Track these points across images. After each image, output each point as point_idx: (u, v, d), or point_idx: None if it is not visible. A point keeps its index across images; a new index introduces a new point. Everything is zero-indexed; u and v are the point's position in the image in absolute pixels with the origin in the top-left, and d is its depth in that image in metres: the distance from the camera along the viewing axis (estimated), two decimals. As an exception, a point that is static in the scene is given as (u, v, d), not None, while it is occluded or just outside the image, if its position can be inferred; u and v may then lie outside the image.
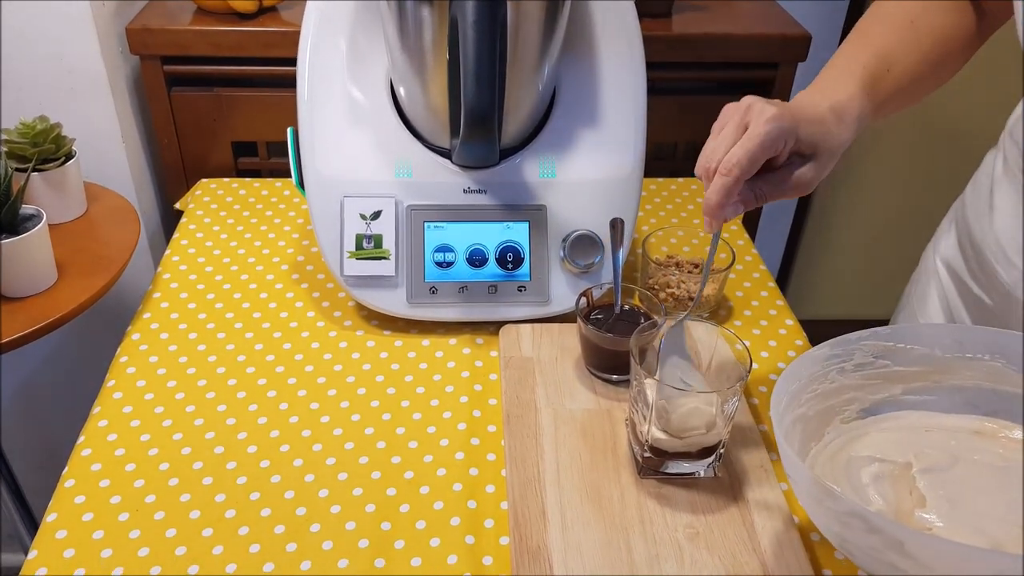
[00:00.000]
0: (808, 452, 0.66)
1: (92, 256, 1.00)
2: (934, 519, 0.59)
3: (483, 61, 0.73)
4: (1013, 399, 0.66)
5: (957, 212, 0.85)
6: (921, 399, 0.69)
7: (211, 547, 0.67)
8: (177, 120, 1.25)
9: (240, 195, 1.14)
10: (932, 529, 0.59)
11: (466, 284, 0.88)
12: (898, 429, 0.68)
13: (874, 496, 0.62)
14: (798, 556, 0.65)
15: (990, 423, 0.67)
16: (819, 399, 0.67)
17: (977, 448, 0.65)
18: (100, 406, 0.81)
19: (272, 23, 1.21)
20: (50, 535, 0.68)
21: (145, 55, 1.20)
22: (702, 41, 1.26)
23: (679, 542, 0.66)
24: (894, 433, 0.68)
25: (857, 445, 0.67)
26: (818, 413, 0.67)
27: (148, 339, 0.88)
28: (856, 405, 0.69)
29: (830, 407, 0.68)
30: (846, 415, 0.69)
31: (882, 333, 0.67)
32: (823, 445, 0.67)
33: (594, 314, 0.85)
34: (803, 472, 0.55)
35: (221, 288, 0.96)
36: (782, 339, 0.92)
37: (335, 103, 0.89)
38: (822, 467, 0.65)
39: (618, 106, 0.91)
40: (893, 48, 0.73)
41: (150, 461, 0.75)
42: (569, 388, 0.82)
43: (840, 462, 0.65)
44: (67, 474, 0.74)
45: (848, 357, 0.67)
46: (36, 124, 1.01)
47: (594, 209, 0.90)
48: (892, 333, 0.66)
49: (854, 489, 0.63)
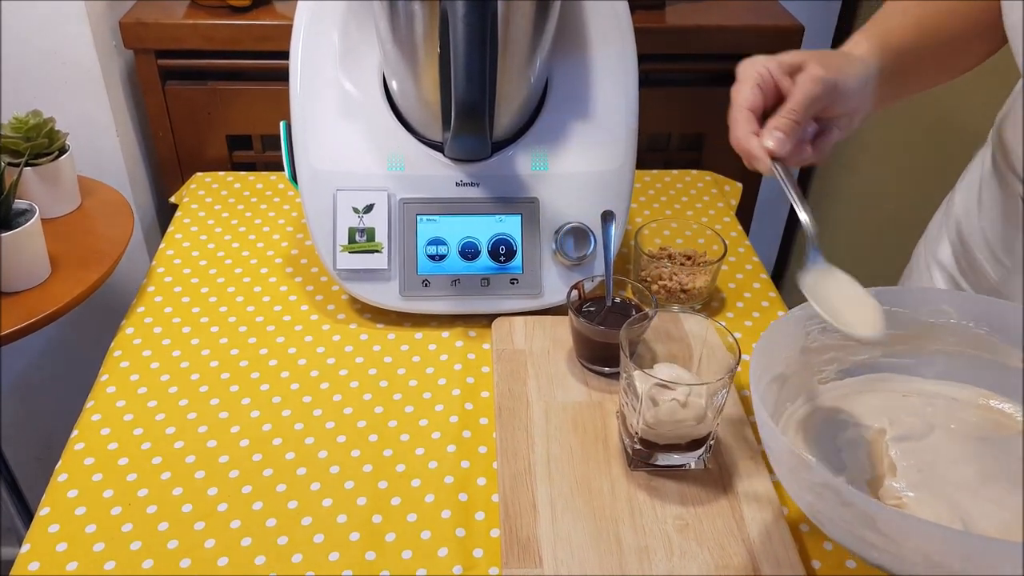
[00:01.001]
0: (783, 413, 0.64)
1: (86, 250, 1.00)
2: (904, 488, 0.58)
3: (473, 55, 0.73)
4: (994, 368, 0.65)
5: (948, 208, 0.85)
6: (902, 363, 0.68)
7: (203, 540, 0.68)
8: (171, 113, 1.25)
9: (235, 188, 1.14)
10: (902, 499, 0.58)
11: (459, 277, 0.89)
12: (876, 393, 0.67)
13: (847, 461, 0.61)
14: (787, 547, 0.66)
15: (969, 391, 0.66)
16: (799, 359, 0.65)
17: (955, 417, 0.64)
18: (94, 400, 0.81)
19: (266, 16, 1.21)
20: (43, 529, 0.69)
21: (139, 49, 1.20)
22: (695, 33, 1.26)
23: (668, 534, 0.67)
24: (871, 396, 0.66)
25: (833, 408, 0.66)
26: (796, 373, 0.65)
27: (142, 333, 0.89)
28: (835, 366, 0.67)
29: (809, 367, 0.66)
30: (824, 375, 0.67)
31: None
32: (798, 406, 0.65)
33: (586, 306, 0.85)
34: (778, 439, 0.54)
35: (215, 282, 0.96)
36: (774, 331, 0.92)
37: (327, 96, 0.89)
38: (796, 429, 0.64)
39: (610, 99, 0.91)
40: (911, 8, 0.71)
41: (143, 455, 0.75)
42: (561, 380, 0.82)
43: (814, 424, 0.64)
44: (60, 468, 0.74)
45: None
46: (29, 119, 1.01)
47: (586, 202, 0.90)
48: (876, 295, 0.64)
49: (826, 453, 0.62)
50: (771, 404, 0.63)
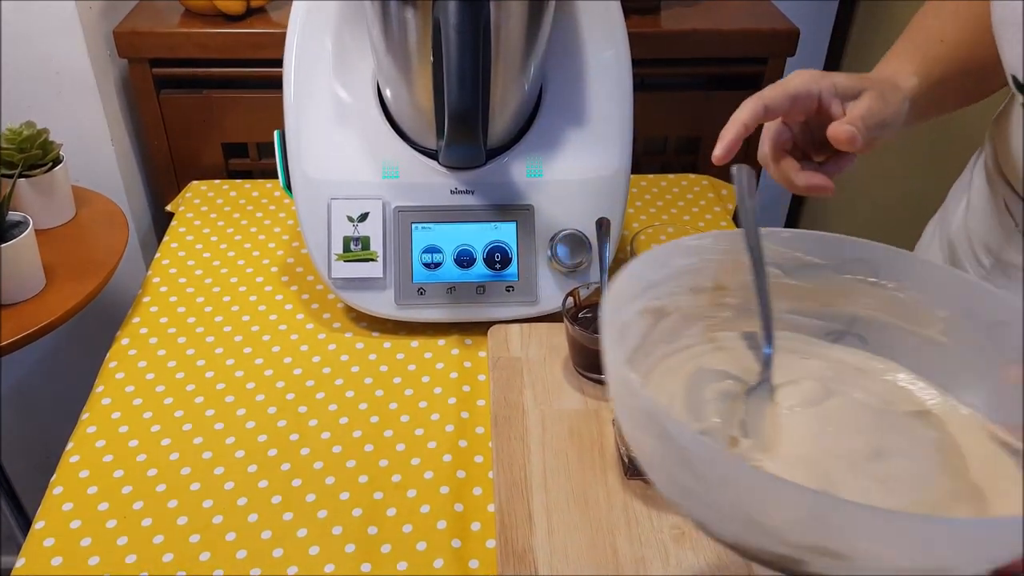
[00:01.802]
0: (651, 352, 0.55)
1: (81, 261, 1.00)
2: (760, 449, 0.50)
3: (466, 63, 0.73)
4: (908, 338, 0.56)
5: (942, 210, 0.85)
6: (810, 322, 0.58)
7: (198, 553, 0.68)
8: (166, 122, 1.25)
9: (230, 197, 1.14)
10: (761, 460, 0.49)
11: (454, 285, 0.88)
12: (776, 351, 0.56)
13: (710, 414, 0.52)
14: (784, 556, 0.65)
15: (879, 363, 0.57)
16: (688, 295, 0.56)
17: (858, 386, 0.55)
18: (89, 412, 0.81)
19: (260, 24, 1.21)
20: (38, 542, 0.68)
21: (133, 58, 1.20)
22: (690, 37, 1.26)
23: (665, 543, 0.66)
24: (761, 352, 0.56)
25: (715, 357, 0.56)
26: (680, 310, 0.56)
27: (137, 344, 0.88)
28: (730, 313, 0.58)
29: (698, 307, 0.57)
30: (715, 322, 0.58)
31: (782, 235, 0.56)
32: (676, 348, 0.56)
33: (582, 313, 0.85)
34: (615, 358, 0.46)
35: (211, 292, 0.96)
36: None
37: (321, 104, 0.89)
38: (664, 372, 0.55)
39: (605, 105, 0.91)
40: (946, 27, 0.70)
41: (138, 467, 0.75)
42: (557, 388, 0.82)
43: (687, 371, 0.55)
44: (55, 481, 0.74)
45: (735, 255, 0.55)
46: (23, 130, 1.00)
47: (581, 208, 0.90)
48: (792, 238, 0.56)
49: (691, 403, 0.53)
50: (635, 335, 0.54)
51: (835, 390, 0.54)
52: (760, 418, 0.52)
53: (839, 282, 0.56)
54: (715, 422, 0.51)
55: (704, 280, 0.57)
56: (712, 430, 0.51)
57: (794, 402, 0.53)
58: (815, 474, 0.48)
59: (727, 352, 0.57)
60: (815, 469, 0.48)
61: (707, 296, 0.57)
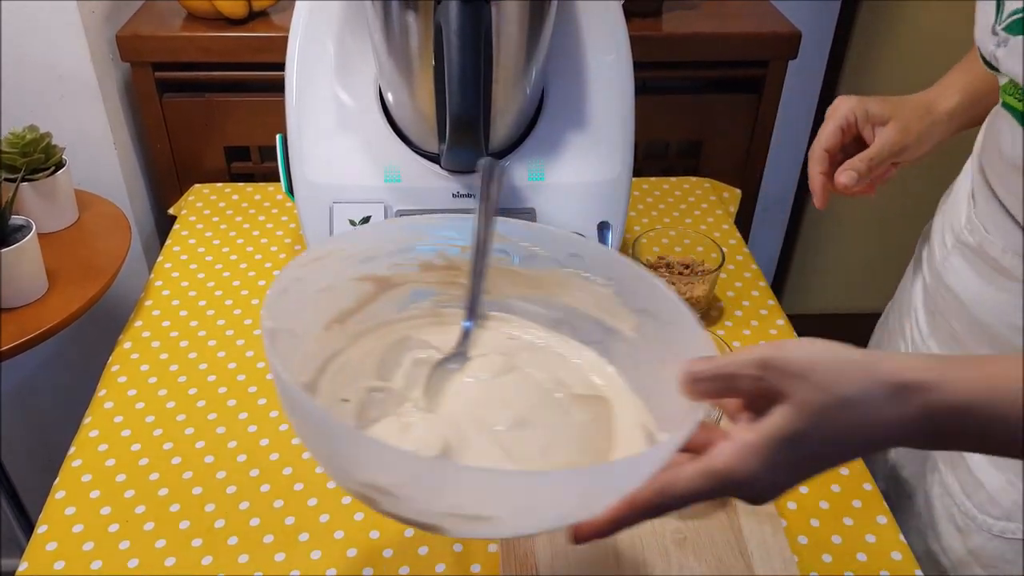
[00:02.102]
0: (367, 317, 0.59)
1: (83, 265, 1.00)
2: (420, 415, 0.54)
3: (467, 67, 0.73)
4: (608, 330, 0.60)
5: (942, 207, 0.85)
6: (529, 307, 0.62)
7: (200, 557, 0.68)
8: (169, 126, 1.25)
9: (233, 200, 1.14)
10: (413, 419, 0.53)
11: (456, 289, 0.88)
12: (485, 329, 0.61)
13: (398, 377, 0.56)
14: (785, 560, 0.66)
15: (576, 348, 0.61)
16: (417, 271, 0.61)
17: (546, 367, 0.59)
18: (91, 416, 0.81)
19: (262, 28, 1.21)
20: (40, 547, 0.69)
21: (136, 61, 1.20)
22: (692, 40, 1.26)
23: (667, 547, 0.66)
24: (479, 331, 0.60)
25: (430, 329, 0.60)
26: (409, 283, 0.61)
27: (140, 348, 0.89)
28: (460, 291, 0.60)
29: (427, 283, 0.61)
30: (444, 298, 0.61)
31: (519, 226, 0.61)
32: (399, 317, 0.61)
33: (583, 318, 0.85)
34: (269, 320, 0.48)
35: (213, 295, 0.96)
36: (773, 340, 0.92)
37: (323, 108, 0.89)
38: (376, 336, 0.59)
39: (606, 108, 0.91)
40: None
41: (140, 471, 0.75)
42: (559, 392, 0.82)
43: (393, 338, 0.59)
44: (58, 485, 0.74)
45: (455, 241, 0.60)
46: (26, 134, 1.01)
47: (583, 212, 0.90)
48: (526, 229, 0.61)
49: (383, 366, 0.57)
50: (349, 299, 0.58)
51: (517, 367, 0.58)
52: (440, 384, 0.56)
53: (561, 275, 0.60)
54: (398, 383, 0.56)
55: (435, 258, 0.61)
56: (388, 388, 0.55)
57: (477, 373, 0.57)
58: (450, 435, 0.51)
59: (446, 326, 0.61)
60: (454, 431, 0.52)
61: (438, 273, 0.61)
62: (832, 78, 1.64)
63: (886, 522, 0.72)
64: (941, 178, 0.89)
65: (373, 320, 0.60)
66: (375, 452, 0.44)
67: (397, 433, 0.52)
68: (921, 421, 0.41)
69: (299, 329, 0.55)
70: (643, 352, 0.57)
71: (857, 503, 0.74)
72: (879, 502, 0.74)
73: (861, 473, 0.76)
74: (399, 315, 0.62)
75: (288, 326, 0.53)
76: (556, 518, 0.46)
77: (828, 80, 1.65)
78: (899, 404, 0.41)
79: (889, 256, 1.93)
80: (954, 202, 0.79)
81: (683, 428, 0.44)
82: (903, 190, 1.84)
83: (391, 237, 0.60)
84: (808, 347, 0.43)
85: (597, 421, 0.55)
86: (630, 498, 0.44)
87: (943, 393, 0.40)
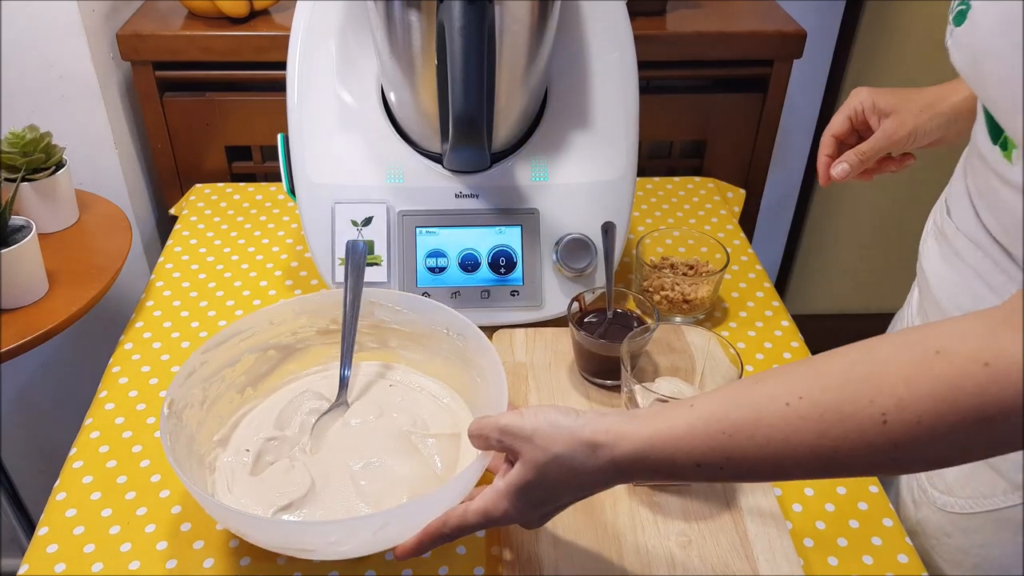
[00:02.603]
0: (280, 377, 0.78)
1: (84, 265, 0.99)
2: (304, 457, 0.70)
3: (470, 67, 0.72)
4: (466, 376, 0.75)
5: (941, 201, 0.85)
6: (415, 357, 0.80)
7: (202, 560, 0.67)
8: (170, 125, 1.25)
9: (234, 200, 1.13)
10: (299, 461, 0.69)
11: (459, 289, 0.88)
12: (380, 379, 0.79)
13: (295, 425, 0.72)
14: (791, 562, 0.65)
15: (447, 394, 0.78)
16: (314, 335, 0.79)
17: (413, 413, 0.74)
18: (92, 417, 0.80)
19: (263, 27, 1.21)
20: (41, 548, 0.68)
21: (136, 61, 1.19)
22: (696, 39, 1.25)
23: (671, 551, 0.66)
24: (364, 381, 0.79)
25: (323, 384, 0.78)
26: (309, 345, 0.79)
27: (140, 348, 0.88)
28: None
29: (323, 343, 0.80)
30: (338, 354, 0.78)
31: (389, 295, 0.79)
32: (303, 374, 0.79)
33: (587, 318, 0.85)
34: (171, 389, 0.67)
35: (214, 295, 0.96)
36: (778, 340, 0.91)
37: (325, 108, 0.89)
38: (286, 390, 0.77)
39: (610, 108, 0.91)
40: None
41: (142, 473, 0.75)
42: (563, 393, 0.81)
43: (295, 392, 0.76)
44: (59, 486, 0.74)
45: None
46: (26, 133, 1.00)
47: (587, 212, 0.89)
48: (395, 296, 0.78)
49: (283, 415, 0.73)
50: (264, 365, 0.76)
51: (385, 412, 0.74)
52: (324, 429, 0.73)
53: (427, 331, 0.78)
54: (293, 431, 0.72)
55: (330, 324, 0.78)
56: (283, 436, 0.72)
57: (351, 419, 0.74)
58: (317, 474, 0.68)
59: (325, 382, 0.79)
60: (323, 467, 0.69)
61: (333, 335, 0.78)
62: (837, 77, 1.63)
63: (892, 525, 0.71)
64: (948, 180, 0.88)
65: (285, 378, 0.79)
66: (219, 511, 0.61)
67: (282, 473, 0.68)
68: (611, 469, 0.52)
69: (211, 396, 0.72)
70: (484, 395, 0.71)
71: (863, 505, 0.73)
72: (885, 504, 0.73)
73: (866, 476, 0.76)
74: (303, 373, 0.80)
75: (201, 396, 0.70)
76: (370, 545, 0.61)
77: (833, 79, 1.64)
78: (594, 458, 0.52)
79: (893, 256, 1.92)
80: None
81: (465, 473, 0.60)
82: (909, 190, 1.84)
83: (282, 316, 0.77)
84: (535, 416, 0.55)
85: (444, 454, 0.70)
86: (425, 528, 0.58)
87: (620, 448, 0.51)
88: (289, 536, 0.61)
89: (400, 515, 0.59)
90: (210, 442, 0.71)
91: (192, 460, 0.67)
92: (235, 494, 0.67)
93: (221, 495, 0.67)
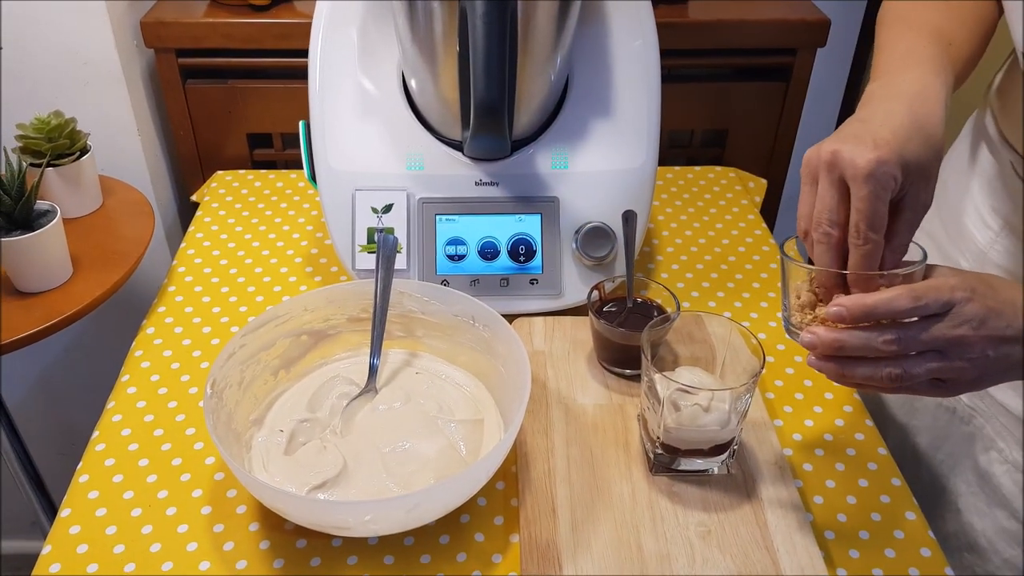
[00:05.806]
0: (312, 361, 0.80)
1: (107, 250, 1.00)
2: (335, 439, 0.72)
3: (492, 54, 0.72)
4: (490, 366, 0.77)
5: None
6: (440, 346, 0.82)
7: (222, 543, 0.68)
8: (192, 112, 1.25)
9: (255, 187, 1.14)
10: (331, 442, 0.71)
11: (478, 277, 0.88)
12: (407, 366, 0.81)
13: (325, 408, 0.75)
14: (811, 555, 0.65)
15: (472, 382, 0.79)
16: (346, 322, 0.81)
17: (436, 396, 0.76)
18: (114, 401, 0.81)
19: (286, 14, 1.21)
20: (64, 530, 0.69)
21: (160, 48, 1.20)
22: (719, 27, 1.24)
23: (691, 540, 0.66)
24: (392, 368, 0.80)
25: (354, 369, 0.80)
26: (340, 332, 0.81)
27: (162, 333, 0.89)
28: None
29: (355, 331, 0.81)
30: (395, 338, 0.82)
31: (416, 286, 0.81)
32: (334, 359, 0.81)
33: (607, 307, 0.84)
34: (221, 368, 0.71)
35: (235, 282, 0.96)
36: (799, 332, 0.91)
37: (346, 95, 0.89)
38: (316, 375, 0.79)
39: (631, 96, 0.90)
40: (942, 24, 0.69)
41: (163, 456, 0.75)
42: (581, 382, 0.81)
43: (326, 377, 0.78)
44: (81, 469, 0.74)
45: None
46: (51, 119, 1.01)
47: (607, 201, 0.89)
48: (424, 288, 0.80)
49: (315, 398, 0.75)
50: (297, 350, 0.79)
51: (412, 398, 0.76)
52: (353, 413, 0.75)
53: (452, 320, 0.79)
54: (324, 414, 0.74)
55: (360, 313, 0.81)
56: (315, 419, 0.74)
57: (380, 404, 0.76)
58: (349, 455, 0.70)
59: (356, 366, 0.80)
60: (355, 449, 0.71)
61: (363, 323, 0.81)
62: (860, 66, 1.61)
63: (915, 518, 0.71)
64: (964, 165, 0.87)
65: (316, 362, 0.81)
66: (258, 489, 0.65)
67: (315, 454, 0.70)
68: None
69: (248, 378, 0.74)
70: (509, 383, 0.74)
71: (885, 498, 0.72)
72: (908, 497, 0.73)
73: (889, 468, 0.75)
74: (333, 358, 0.82)
75: (239, 377, 0.73)
76: (401, 523, 0.65)
77: (856, 68, 1.62)
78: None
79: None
80: None
81: (490, 456, 0.64)
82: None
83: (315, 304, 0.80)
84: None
85: (468, 439, 0.72)
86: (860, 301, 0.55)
87: None
88: (328, 513, 0.65)
89: (429, 495, 0.63)
90: (247, 421, 0.74)
91: (231, 437, 0.69)
92: (270, 472, 0.69)
93: (257, 472, 0.70)
